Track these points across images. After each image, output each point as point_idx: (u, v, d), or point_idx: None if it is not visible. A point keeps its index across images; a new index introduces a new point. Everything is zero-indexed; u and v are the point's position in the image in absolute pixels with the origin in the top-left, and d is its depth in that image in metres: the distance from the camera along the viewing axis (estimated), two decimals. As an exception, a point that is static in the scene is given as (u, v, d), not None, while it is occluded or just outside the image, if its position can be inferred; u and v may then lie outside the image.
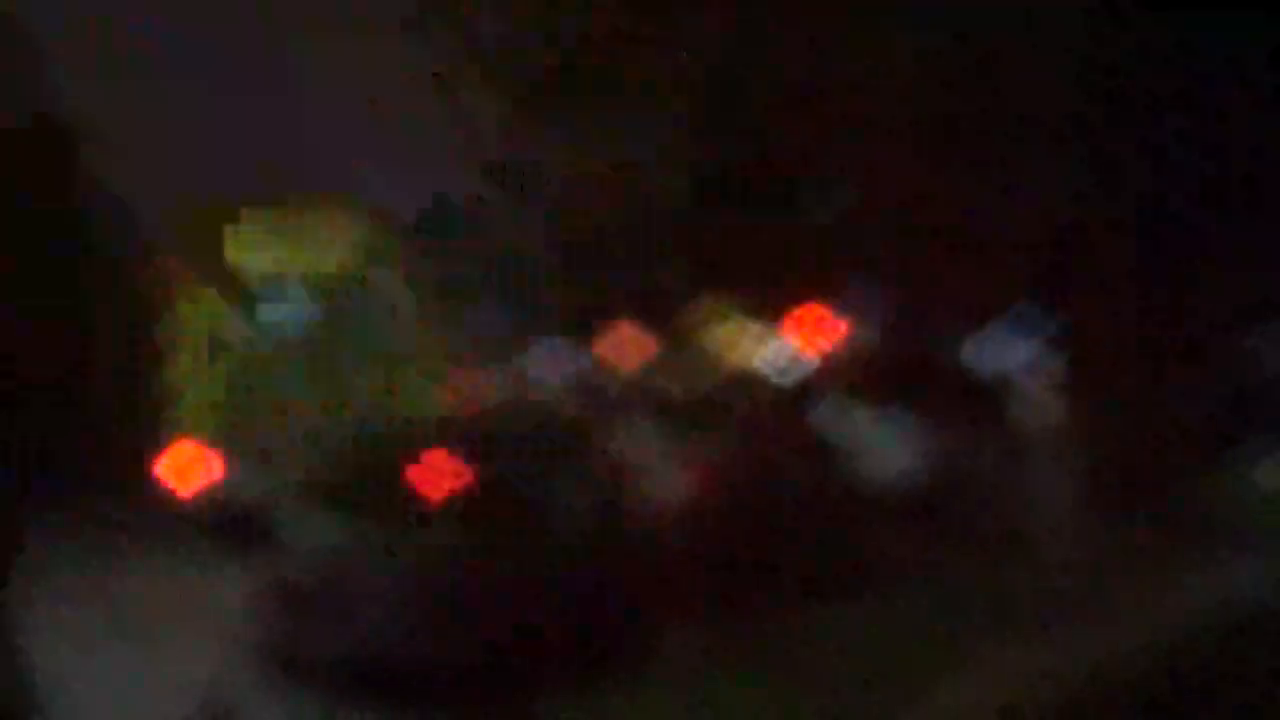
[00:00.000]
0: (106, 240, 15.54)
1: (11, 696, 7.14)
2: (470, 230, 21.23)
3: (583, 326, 22.92)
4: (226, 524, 17.62)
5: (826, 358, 26.83)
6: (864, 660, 13.86)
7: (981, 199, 20.82)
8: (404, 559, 13.58)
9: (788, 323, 27.67)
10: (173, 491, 18.48)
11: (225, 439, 19.19)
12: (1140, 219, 19.66)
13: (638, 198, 21.03)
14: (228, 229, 21.14)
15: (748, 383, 23.92)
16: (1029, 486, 21.44)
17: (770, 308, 26.98)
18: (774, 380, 24.89)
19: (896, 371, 23.48)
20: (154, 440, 19.29)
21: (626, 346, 23.05)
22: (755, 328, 27.09)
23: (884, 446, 20.17)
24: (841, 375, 23.96)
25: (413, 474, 14.63)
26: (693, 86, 20.07)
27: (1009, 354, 26.52)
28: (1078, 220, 20.05)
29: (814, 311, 28.12)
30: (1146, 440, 21.07)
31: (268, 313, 21.88)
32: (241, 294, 21.64)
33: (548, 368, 22.96)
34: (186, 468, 18.49)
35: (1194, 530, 20.05)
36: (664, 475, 16.14)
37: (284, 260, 21.64)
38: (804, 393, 22.95)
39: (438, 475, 14.44)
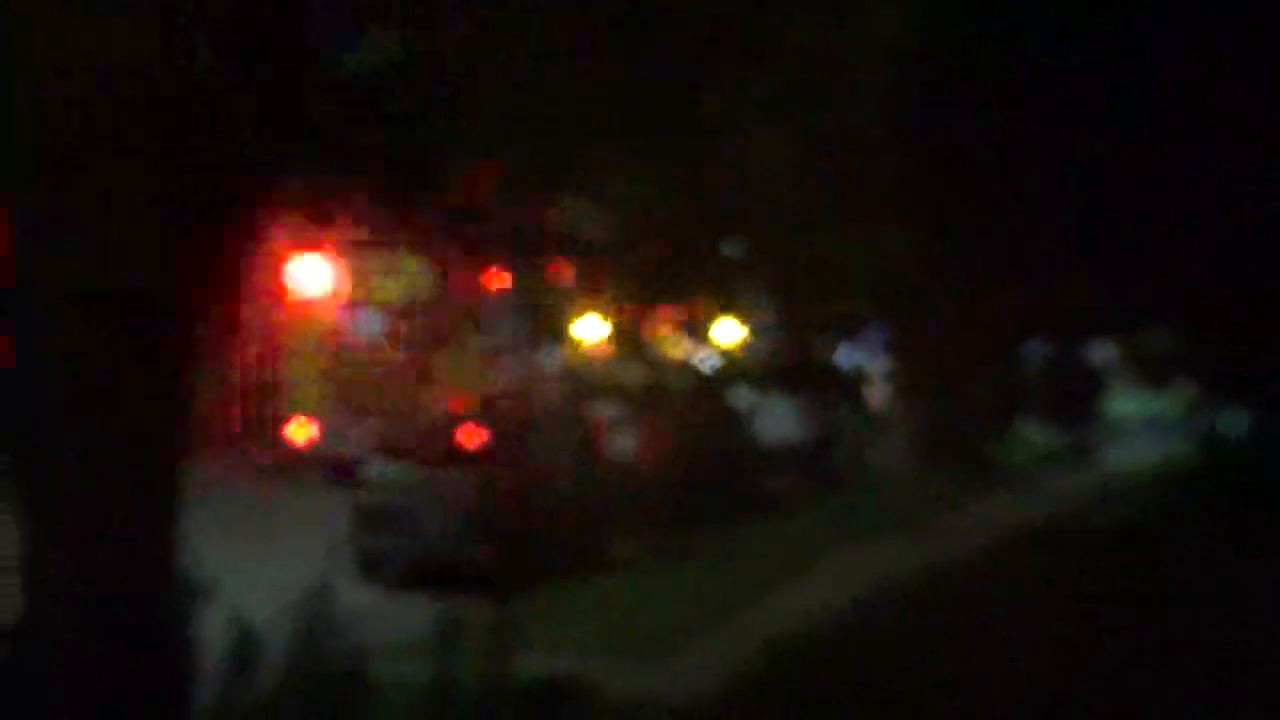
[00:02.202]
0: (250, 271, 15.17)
1: (179, 585, 7.06)
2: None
3: (570, 337, 22.92)
4: (327, 466, 17.63)
5: (737, 358, 26.93)
6: (756, 560, 13.80)
7: (842, 251, 20.89)
8: (449, 489, 13.33)
9: (710, 333, 27.78)
10: (293, 445, 18.58)
11: (325, 413, 19.19)
12: (952, 266, 19.65)
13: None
14: (329, 267, 21.02)
15: (683, 373, 23.96)
16: (874, 444, 21.57)
17: (699, 323, 27.08)
18: (701, 371, 24.97)
19: (784, 366, 23.54)
20: (280, 412, 19.44)
21: (599, 350, 23.10)
22: (689, 336, 27.17)
23: (775, 416, 20.13)
24: (747, 369, 24.02)
25: (458, 434, 14.50)
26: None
27: (861, 356, 26.68)
28: (909, 264, 20.07)
29: (729, 326, 28.18)
30: (955, 415, 21.16)
31: (356, 327, 21.80)
32: (341, 312, 21.57)
33: (546, 364, 22.91)
34: (300, 430, 18.63)
35: (987, 474, 20.22)
36: (623, 434, 16.07)
37: (366, 288, 21.55)
38: (721, 380, 23.00)
39: (472, 435, 14.36)
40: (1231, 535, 13.28)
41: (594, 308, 21.33)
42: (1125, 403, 25.46)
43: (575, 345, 22.09)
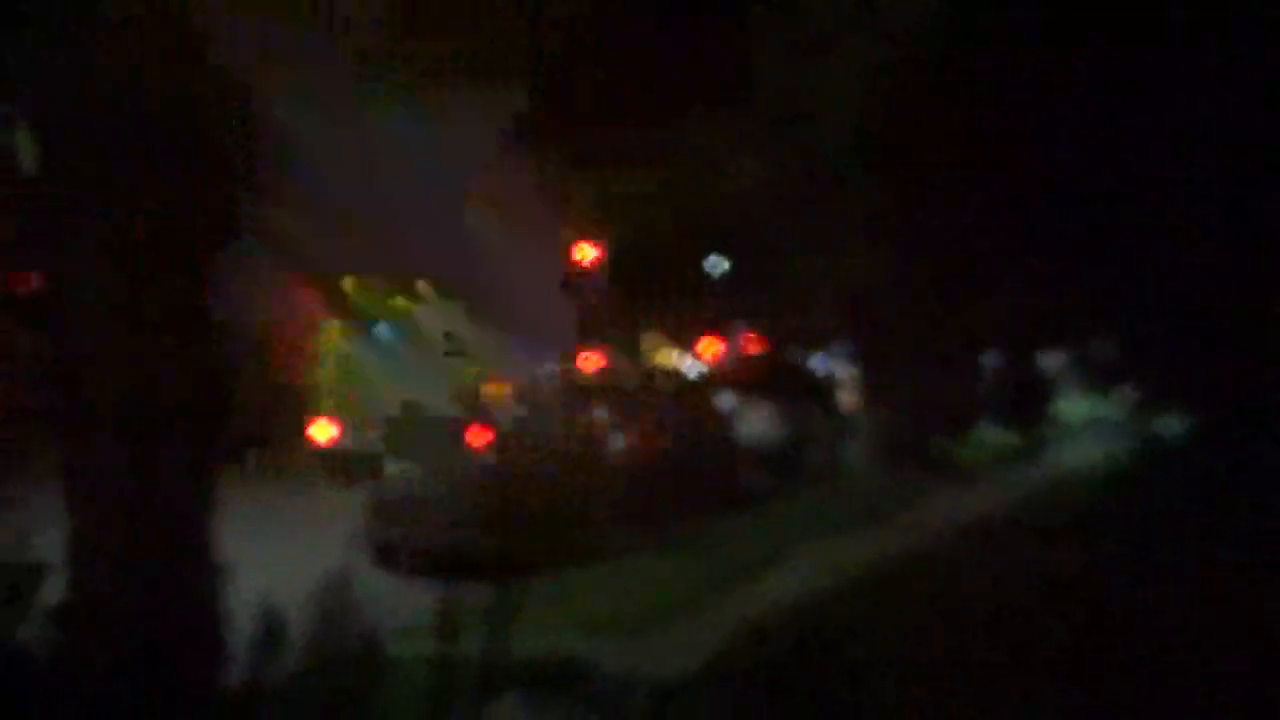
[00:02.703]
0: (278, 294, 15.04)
1: (208, 574, 7.12)
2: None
3: (568, 350, 22.92)
4: (344, 464, 17.58)
5: (720, 366, 26.96)
6: (736, 549, 13.80)
7: (813, 272, 20.93)
8: (458, 483, 13.27)
9: (697, 346, 27.82)
10: (315, 444, 18.54)
11: (344, 415, 19.14)
12: (909, 287, 19.70)
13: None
14: (350, 286, 21.05)
15: (672, 379, 23.95)
16: (842, 444, 21.56)
17: (686, 336, 27.11)
18: (688, 378, 24.96)
19: (763, 374, 23.54)
20: (304, 415, 19.39)
21: (595, 357, 23.10)
22: (677, 348, 27.22)
23: (754, 418, 20.10)
24: (729, 377, 24.01)
25: (466, 435, 14.49)
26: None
27: (831, 364, 26.68)
28: (872, 285, 20.12)
29: (712, 339, 28.21)
30: (916, 417, 21.16)
31: (373, 338, 21.78)
32: (357, 326, 21.56)
33: (546, 374, 22.88)
34: (322, 431, 18.59)
35: (945, 470, 20.17)
36: (618, 434, 16.03)
37: (383, 305, 21.55)
38: (706, 386, 22.99)
39: (477, 435, 14.35)
40: (1169, 530, 13.34)
41: (591, 319, 21.31)
42: (1073, 406, 25.62)
43: (572, 354, 22.10)
